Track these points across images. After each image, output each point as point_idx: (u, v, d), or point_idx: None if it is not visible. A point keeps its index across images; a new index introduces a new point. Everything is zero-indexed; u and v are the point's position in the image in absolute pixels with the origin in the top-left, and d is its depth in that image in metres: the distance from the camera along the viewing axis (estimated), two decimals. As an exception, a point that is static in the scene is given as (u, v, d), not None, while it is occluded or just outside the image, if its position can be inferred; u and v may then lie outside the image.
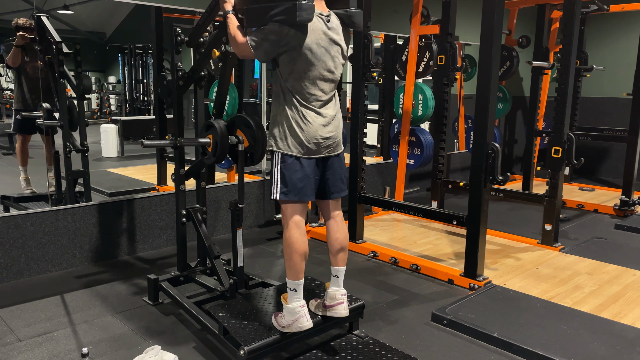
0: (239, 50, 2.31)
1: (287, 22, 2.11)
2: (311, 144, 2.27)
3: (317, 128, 2.27)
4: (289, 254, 2.29)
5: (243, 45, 2.26)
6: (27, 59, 4.09)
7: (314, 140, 2.27)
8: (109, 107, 7.84)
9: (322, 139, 2.29)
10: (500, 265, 3.67)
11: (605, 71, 6.73)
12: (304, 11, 2.06)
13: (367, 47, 3.89)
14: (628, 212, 5.10)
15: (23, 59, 4.07)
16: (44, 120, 4.02)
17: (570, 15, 3.86)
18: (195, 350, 2.52)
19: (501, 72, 5.25)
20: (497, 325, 2.71)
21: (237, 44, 2.30)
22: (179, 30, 2.85)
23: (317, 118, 2.28)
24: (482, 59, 3.20)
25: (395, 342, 2.60)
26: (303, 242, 2.30)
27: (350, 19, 2.31)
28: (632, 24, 6.65)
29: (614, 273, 3.56)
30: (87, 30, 6.18)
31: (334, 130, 2.34)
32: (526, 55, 5.89)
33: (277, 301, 2.61)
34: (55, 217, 3.46)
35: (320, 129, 2.28)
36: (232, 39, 2.32)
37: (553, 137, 3.99)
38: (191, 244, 3.26)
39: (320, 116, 2.29)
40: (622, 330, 2.71)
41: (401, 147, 4.64)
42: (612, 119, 6.87)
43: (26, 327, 2.73)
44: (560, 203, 4.07)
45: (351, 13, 2.30)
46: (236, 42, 2.29)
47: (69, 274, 3.47)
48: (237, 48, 2.31)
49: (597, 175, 7.13)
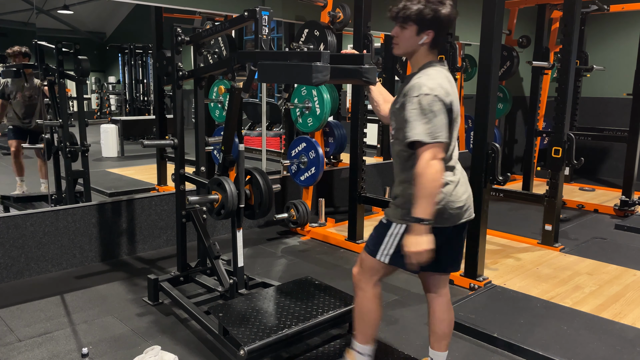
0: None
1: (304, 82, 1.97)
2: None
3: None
4: (365, 321, 2.11)
5: (438, 162, 1.80)
6: (14, 93, 4.20)
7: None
8: (108, 107, 7.83)
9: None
10: (500, 266, 3.67)
11: (606, 71, 6.72)
12: (320, 73, 1.92)
13: (367, 47, 3.89)
14: (628, 212, 5.10)
15: (10, 95, 4.21)
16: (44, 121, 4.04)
17: (570, 15, 3.86)
18: (195, 351, 2.52)
19: (501, 72, 5.25)
20: (497, 326, 2.71)
21: (435, 171, 1.80)
22: (179, 30, 2.84)
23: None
24: (482, 59, 3.20)
25: (395, 342, 2.60)
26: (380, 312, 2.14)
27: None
28: (633, 24, 6.64)
29: (614, 273, 3.56)
30: (87, 30, 6.18)
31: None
32: (526, 55, 5.89)
33: (276, 301, 2.61)
34: (55, 217, 3.46)
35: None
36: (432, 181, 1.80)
37: (553, 137, 3.99)
38: (191, 244, 3.25)
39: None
40: (622, 331, 2.71)
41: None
42: (612, 119, 6.86)
43: (26, 327, 2.73)
44: (560, 203, 4.07)
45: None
46: (435, 171, 1.80)
47: (69, 274, 3.47)
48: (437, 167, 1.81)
49: (597, 176, 7.13)
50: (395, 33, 1.94)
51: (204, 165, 3.08)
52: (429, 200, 1.79)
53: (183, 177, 2.98)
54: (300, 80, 1.97)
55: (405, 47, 1.94)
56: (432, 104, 1.82)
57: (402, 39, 1.93)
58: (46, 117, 4.13)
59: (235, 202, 2.64)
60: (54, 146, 4.08)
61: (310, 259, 3.86)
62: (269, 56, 2.24)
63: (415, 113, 1.82)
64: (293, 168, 4.39)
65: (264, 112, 4.55)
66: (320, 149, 4.20)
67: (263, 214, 2.73)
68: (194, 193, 3.29)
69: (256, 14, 2.39)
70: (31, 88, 4.17)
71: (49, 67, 3.95)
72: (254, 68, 2.29)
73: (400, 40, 1.94)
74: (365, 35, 3.89)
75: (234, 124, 2.70)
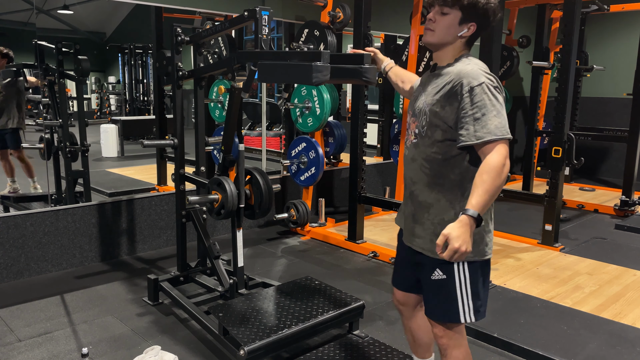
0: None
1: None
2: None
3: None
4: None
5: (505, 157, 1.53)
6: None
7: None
8: (108, 107, 7.83)
9: None
10: (500, 265, 3.67)
11: (606, 71, 6.72)
12: (320, 72, 1.87)
13: (367, 47, 3.89)
14: (628, 212, 5.10)
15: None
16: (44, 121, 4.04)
17: (570, 15, 3.86)
18: (195, 350, 2.51)
19: (501, 72, 5.25)
20: (497, 325, 2.71)
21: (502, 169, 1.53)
22: (179, 30, 2.84)
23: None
24: (482, 59, 3.19)
25: (395, 342, 2.60)
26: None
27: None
28: (633, 24, 6.64)
29: (614, 273, 3.55)
30: (87, 30, 6.17)
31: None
32: (526, 55, 5.89)
33: (276, 301, 2.61)
34: (55, 217, 3.45)
35: None
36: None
37: (553, 137, 3.99)
38: (191, 244, 3.25)
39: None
40: (623, 331, 2.71)
41: (401, 147, 4.63)
42: (613, 119, 6.86)
43: (26, 327, 2.73)
44: (560, 203, 4.07)
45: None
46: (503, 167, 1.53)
47: (69, 274, 3.47)
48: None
49: (597, 175, 7.12)
50: (433, 17, 1.64)
51: (204, 165, 3.08)
52: (492, 199, 1.51)
53: (183, 177, 2.97)
54: (300, 80, 1.96)
55: (442, 37, 1.64)
56: (497, 94, 1.55)
57: (441, 26, 1.62)
58: (43, 117, 4.13)
59: (235, 202, 2.64)
60: (54, 146, 4.08)
61: (310, 259, 3.86)
62: (269, 56, 2.23)
63: (485, 105, 1.52)
64: (293, 168, 4.39)
65: (264, 112, 4.55)
66: (320, 149, 4.20)
67: (263, 214, 2.73)
68: (194, 193, 3.29)
69: (256, 14, 2.38)
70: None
71: (49, 67, 3.95)
72: (254, 68, 2.28)
73: (437, 26, 1.63)
74: (365, 35, 3.89)
75: (234, 124, 2.70)
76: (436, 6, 1.62)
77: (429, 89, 1.68)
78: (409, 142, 1.75)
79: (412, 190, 1.73)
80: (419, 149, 1.69)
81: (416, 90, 1.80)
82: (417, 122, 1.71)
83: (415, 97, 1.76)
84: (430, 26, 1.65)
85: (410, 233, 1.75)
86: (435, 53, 1.71)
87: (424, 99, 1.69)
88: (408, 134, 1.77)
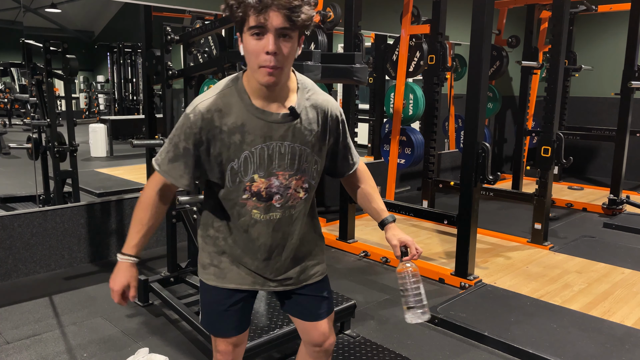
0: None
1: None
2: None
3: None
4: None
5: None
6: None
7: None
8: (97, 107, 7.76)
9: None
10: (490, 264, 3.68)
11: (594, 71, 6.79)
12: (311, 72, 1.85)
13: (358, 46, 3.89)
14: (616, 211, 5.15)
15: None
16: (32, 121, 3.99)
17: (559, 15, 3.89)
18: (186, 351, 2.50)
19: (491, 72, 5.27)
20: (488, 324, 2.72)
21: None
22: (168, 29, 2.82)
23: None
24: (472, 59, 3.21)
25: (386, 341, 2.60)
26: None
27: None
28: (620, 24, 6.70)
29: (603, 271, 3.59)
30: (75, 28, 6.12)
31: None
32: (515, 55, 5.92)
33: (268, 302, 2.60)
34: (43, 217, 3.42)
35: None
36: None
37: (542, 136, 4.01)
38: (181, 245, 3.24)
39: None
40: (611, 328, 2.73)
41: (392, 146, 4.64)
42: (601, 118, 6.93)
43: (14, 329, 2.70)
44: (549, 202, 4.10)
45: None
46: None
47: (58, 276, 3.43)
48: None
49: (585, 174, 7.19)
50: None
51: (194, 165, 3.06)
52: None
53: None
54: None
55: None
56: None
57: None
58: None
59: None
60: (42, 146, 4.03)
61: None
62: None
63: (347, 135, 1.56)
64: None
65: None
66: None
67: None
68: (184, 193, 3.26)
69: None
70: None
71: (36, 66, 3.91)
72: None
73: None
74: (356, 35, 3.89)
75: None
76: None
77: (293, 122, 1.50)
78: (304, 197, 1.54)
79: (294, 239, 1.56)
80: (308, 202, 1.56)
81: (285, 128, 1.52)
82: (311, 166, 1.52)
83: (295, 135, 1.49)
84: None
85: (301, 273, 1.60)
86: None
87: (300, 135, 1.49)
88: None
